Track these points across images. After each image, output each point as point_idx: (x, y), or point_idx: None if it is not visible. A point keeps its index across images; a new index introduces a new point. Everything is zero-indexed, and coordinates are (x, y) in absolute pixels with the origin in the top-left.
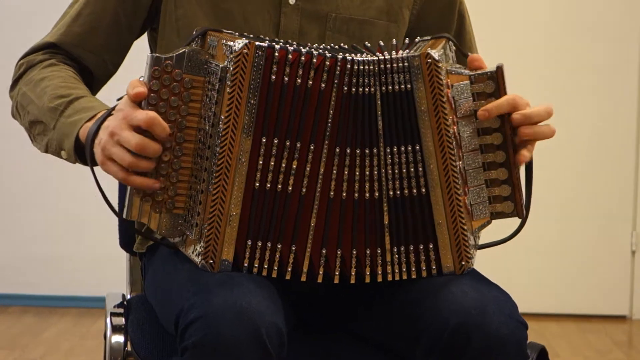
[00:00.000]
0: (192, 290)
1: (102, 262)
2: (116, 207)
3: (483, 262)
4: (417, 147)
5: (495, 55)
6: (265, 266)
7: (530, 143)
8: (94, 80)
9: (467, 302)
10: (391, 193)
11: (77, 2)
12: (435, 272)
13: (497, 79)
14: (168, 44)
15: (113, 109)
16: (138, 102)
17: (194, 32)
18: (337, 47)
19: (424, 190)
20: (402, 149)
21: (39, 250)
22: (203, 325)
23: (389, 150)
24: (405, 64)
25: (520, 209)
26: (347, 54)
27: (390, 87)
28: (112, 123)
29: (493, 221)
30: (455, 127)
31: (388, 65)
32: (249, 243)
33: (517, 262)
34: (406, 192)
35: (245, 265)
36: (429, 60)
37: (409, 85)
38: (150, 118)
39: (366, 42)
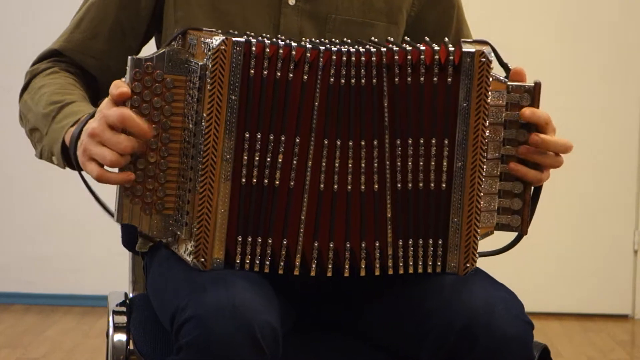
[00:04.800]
0: (187, 289)
1: (105, 261)
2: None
3: (485, 262)
4: (446, 142)
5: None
6: (257, 261)
7: (545, 167)
8: (100, 86)
9: (474, 303)
10: (399, 186)
11: (81, 8)
12: (440, 270)
13: (533, 93)
14: None
15: (95, 112)
16: (121, 102)
17: (174, 32)
18: (336, 41)
19: (444, 185)
20: (422, 141)
21: (42, 248)
22: (197, 324)
23: (399, 142)
24: (451, 57)
25: (525, 225)
26: (337, 46)
27: (409, 79)
28: (92, 124)
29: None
30: (488, 131)
31: (409, 57)
32: (239, 239)
33: (519, 262)
34: (421, 185)
35: (237, 261)
36: (483, 59)
37: (449, 79)
38: (121, 114)
39: (373, 38)
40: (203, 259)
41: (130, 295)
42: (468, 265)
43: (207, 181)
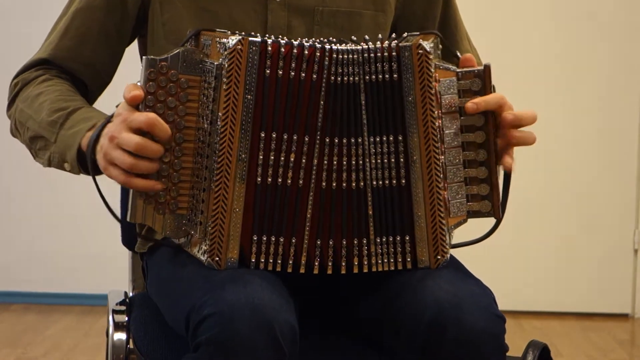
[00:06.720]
0: (204, 287)
1: (105, 260)
2: (117, 212)
3: (485, 261)
4: (400, 138)
5: (496, 56)
6: (271, 260)
7: (510, 149)
8: (89, 92)
9: (442, 296)
10: (374, 183)
11: (65, 15)
12: (411, 266)
13: (484, 77)
14: (158, 49)
15: (112, 115)
16: (135, 105)
17: (188, 33)
18: (325, 40)
19: (404, 181)
20: (384, 138)
21: (42, 248)
22: (217, 321)
23: (372, 139)
24: (394, 53)
25: (497, 209)
26: (332, 44)
27: (374, 77)
28: (111, 128)
29: (467, 220)
30: (440, 122)
31: (372, 55)
32: (255, 238)
33: (519, 261)
34: (387, 182)
35: (253, 260)
36: (420, 52)
37: (395, 75)
38: (150, 119)
39: (352, 37)
40: (218, 258)
41: (130, 294)
42: (439, 257)
43: (222, 180)
